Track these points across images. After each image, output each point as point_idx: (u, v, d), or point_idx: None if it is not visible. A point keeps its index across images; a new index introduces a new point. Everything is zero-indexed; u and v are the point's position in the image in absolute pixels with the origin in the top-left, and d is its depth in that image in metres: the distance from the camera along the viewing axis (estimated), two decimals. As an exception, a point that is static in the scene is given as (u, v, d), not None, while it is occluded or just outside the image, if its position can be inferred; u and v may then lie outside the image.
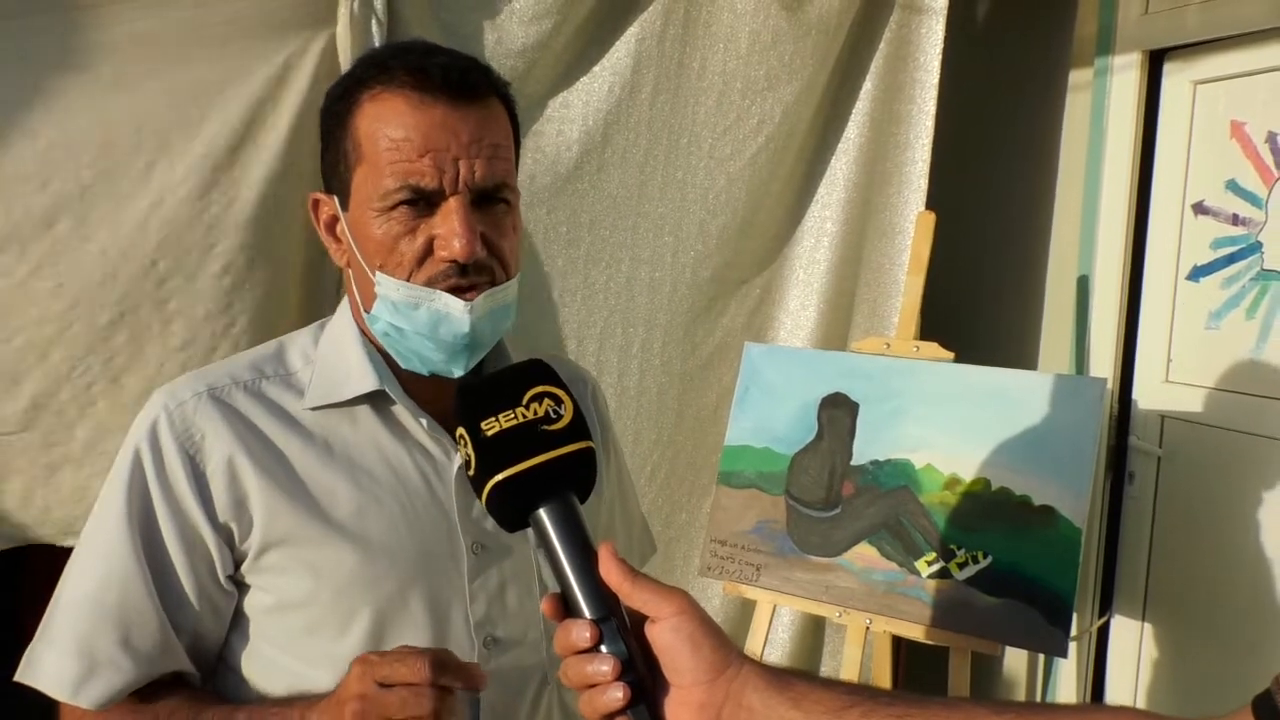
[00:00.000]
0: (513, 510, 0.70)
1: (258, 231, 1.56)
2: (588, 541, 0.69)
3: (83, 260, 1.46)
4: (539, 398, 0.71)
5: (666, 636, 0.65)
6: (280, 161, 1.55)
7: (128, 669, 0.88)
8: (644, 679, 0.66)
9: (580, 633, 0.66)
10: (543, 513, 0.69)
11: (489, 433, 0.69)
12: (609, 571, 0.67)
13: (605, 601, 0.67)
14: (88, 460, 1.50)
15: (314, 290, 1.62)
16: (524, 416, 0.70)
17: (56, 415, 1.48)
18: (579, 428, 0.72)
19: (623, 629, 0.67)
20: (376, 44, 1.57)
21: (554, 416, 0.71)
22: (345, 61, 1.55)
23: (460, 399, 0.72)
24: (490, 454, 0.69)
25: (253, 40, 1.51)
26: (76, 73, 1.42)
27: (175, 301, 1.53)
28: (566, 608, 0.68)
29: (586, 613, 0.67)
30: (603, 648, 0.66)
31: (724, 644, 0.66)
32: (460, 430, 0.71)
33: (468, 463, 0.71)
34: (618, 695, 0.64)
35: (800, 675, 0.67)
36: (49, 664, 0.89)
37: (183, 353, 1.54)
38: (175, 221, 1.50)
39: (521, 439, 0.69)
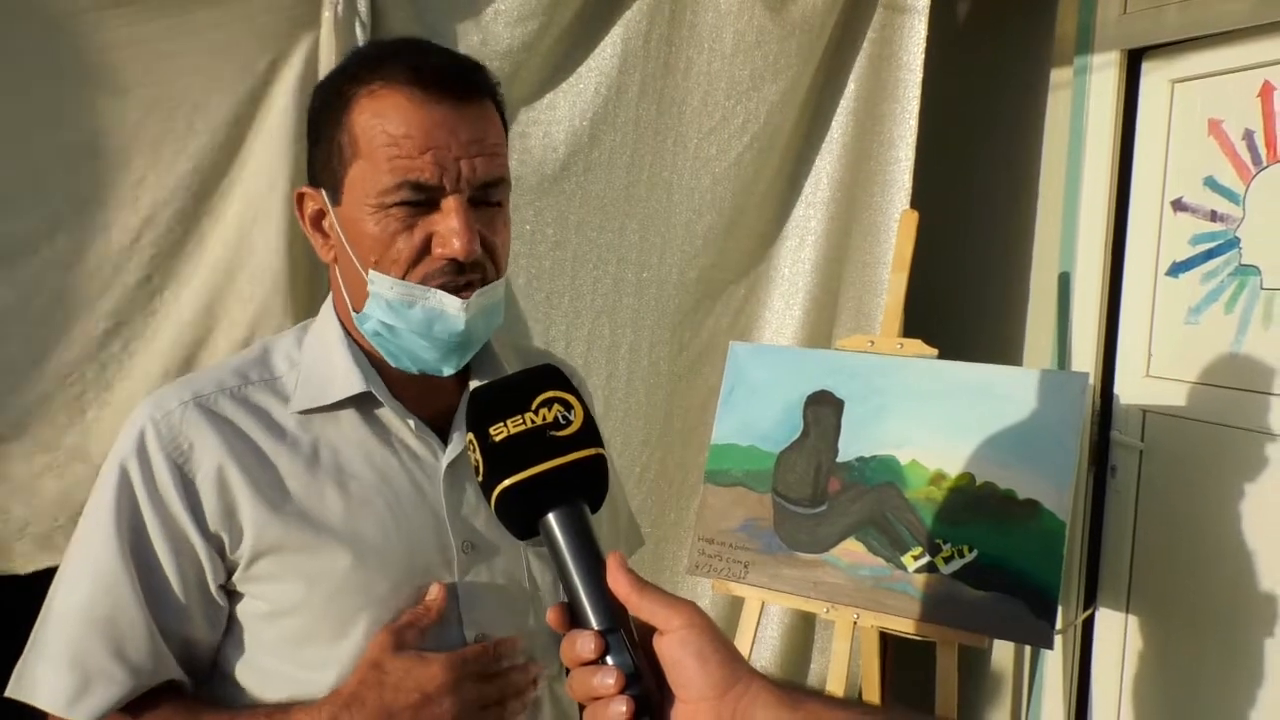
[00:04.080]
0: (521, 517, 0.69)
1: (243, 239, 1.56)
2: (596, 550, 0.68)
3: (81, 271, 1.46)
4: (549, 403, 0.70)
5: (674, 650, 0.64)
6: (266, 168, 1.55)
7: (121, 680, 0.88)
8: (650, 693, 0.64)
9: (585, 644, 0.64)
10: (551, 519, 0.68)
11: (496, 438, 0.69)
12: (617, 581, 0.65)
13: (612, 612, 0.65)
14: (70, 468, 1.50)
15: (299, 296, 1.62)
16: (532, 422, 0.69)
17: (48, 422, 1.48)
18: (590, 434, 0.70)
19: (630, 641, 0.65)
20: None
21: (563, 422, 0.70)
22: (329, 64, 1.55)
23: (470, 405, 0.72)
24: (497, 459, 0.68)
25: (237, 44, 1.51)
26: (67, 80, 1.42)
27: (164, 310, 1.54)
28: (573, 618, 0.67)
29: (593, 623, 0.65)
30: (608, 659, 0.64)
31: (733, 659, 0.64)
32: (470, 436, 0.71)
33: (477, 468, 0.70)
34: (621, 709, 0.62)
35: (812, 694, 0.66)
36: (42, 678, 0.89)
37: (167, 357, 1.55)
38: (166, 234, 1.51)
39: (529, 445, 0.68)
